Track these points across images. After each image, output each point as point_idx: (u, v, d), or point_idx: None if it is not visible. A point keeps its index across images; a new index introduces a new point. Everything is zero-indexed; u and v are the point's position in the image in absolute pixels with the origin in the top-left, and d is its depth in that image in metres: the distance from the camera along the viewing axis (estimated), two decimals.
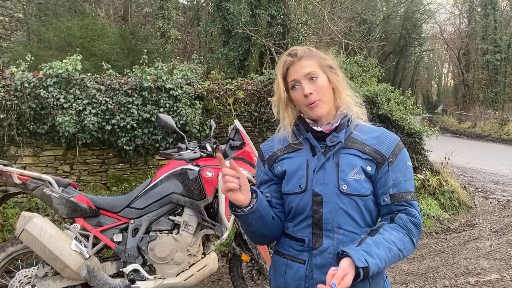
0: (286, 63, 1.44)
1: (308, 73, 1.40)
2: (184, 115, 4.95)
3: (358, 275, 1.23)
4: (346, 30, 11.92)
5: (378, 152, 1.40)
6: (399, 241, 1.33)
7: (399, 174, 1.40)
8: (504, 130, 19.04)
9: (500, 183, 8.58)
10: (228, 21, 9.83)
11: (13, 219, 4.25)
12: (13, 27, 10.82)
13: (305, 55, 1.43)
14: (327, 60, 1.45)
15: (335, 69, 1.46)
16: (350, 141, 1.42)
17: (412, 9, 27.81)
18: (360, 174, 1.37)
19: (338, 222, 1.36)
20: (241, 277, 3.33)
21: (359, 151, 1.40)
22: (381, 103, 6.44)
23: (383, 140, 1.43)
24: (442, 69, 45.52)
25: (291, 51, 1.46)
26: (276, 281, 1.49)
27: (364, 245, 1.29)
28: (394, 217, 1.39)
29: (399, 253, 1.33)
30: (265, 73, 5.98)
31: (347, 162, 1.38)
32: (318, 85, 1.40)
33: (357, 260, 1.23)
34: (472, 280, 4.06)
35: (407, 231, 1.37)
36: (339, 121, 1.43)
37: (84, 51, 6.36)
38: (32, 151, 4.76)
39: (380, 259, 1.27)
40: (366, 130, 1.45)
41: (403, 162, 1.42)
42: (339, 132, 1.42)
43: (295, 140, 1.47)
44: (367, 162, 1.39)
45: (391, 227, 1.36)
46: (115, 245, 2.90)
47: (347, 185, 1.36)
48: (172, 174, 2.95)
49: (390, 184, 1.39)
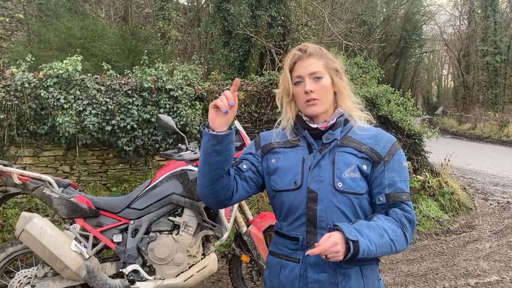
0: (294, 57, 1.45)
1: (314, 73, 1.42)
2: (184, 116, 4.95)
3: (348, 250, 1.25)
4: (346, 31, 11.93)
5: (374, 151, 1.41)
6: (391, 231, 1.34)
7: (395, 174, 1.41)
8: (504, 131, 19.04)
9: (500, 185, 8.58)
10: (228, 22, 9.84)
11: (13, 219, 4.25)
12: (14, 28, 10.83)
13: (315, 54, 1.45)
14: (335, 63, 1.47)
15: (340, 73, 1.47)
16: (347, 140, 1.43)
17: (412, 11, 27.85)
18: (355, 173, 1.38)
19: (332, 220, 1.37)
20: (241, 278, 3.33)
21: (355, 149, 1.41)
22: (381, 104, 6.45)
23: (380, 139, 1.44)
24: (442, 70, 45.58)
25: (302, 46, 1.47)
26: (270, 282, 1.49)
27: (356, 225, 1.31)
28: (388, 211, 1.40)
29: (390, 243, 1.33)
30: (265, 74, 5.97)
31: (343, 160, 1.39)
32: (321, 85, 1.42)
33: (348, 233, 1.25)
34: (472, 281, 4.06)
35: (400, 224, 1.38)
36: (335, 119, 1.45)
37: (84, 51, 6.36)
38: (32, 151, 4.76)
39: (370, 241, 1.28)
40: (363, 129, 1.46)
41: (399, 162, 1.43)
42: (335, 130, 1.43)
43: (293, 137, 1.48)
44: (363, 160, 1.40)
45: (385, 218, 1.38)
46: (115, 246, 2.90)
47: (342, 183, 1.36)
48: (172, 175, 2.95)
49: (386, 183, 1.40)
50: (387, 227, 1.34)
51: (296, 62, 1.45)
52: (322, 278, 1.37)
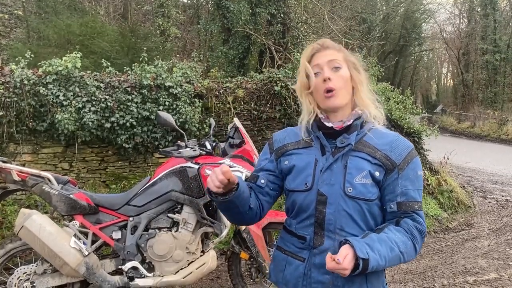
0: (313, 49, 1.44)
1: (332, 60, 1.40)
2: (184, 113, 4.95)
3: (356, 266, 1.22)
4: (346, 29, 11.90)
5: (389, 159, 1.38)
6: (402, 244, 1.32)
7: (408, 182, 1.38)
8: (503, 130, 19.07)
9: (498, 183, 8.59)
10: (228, 19, 9.82)
11: (12, 216, 4.25)
12: (13, 25, 10.81)
13: (333, 47, 1.45)
14: (353, 58, 1.47)
15: (358, 69, 1.46)
16: (362, 144, 1.40)
17: (412, 9, 27.79)
18: (367, 179, 1.35)
19: (340, 224, 1.35)
20: (240, 275, 3.33)
21: (369, 155, 1.38)
22: (380, 102, 6.44)
23: (396, 146, 1.40)
24: (441, 69, 45.54)
25: (320, 41, 1.47)
26: (275, 276, 1.50)
27: (367, 239, 1.29)
28: (399, 221, 1.38)
29: (400, 256, 1.32)
30: (265, 71, 5.97)
31: (355, 165, 1.37)
32: (340, 75, 1.40)
33: (359, 250, 1.22)
34: (471, 279, 4.07)
35: (411, 236, 1.36)
36: (351, 121, 1.41)
37: (83, 48, 6.35)
38: (31, 148, 4.75)
39: (380, 256, 1.26)
40: (380, 134, 1.43)
41: (414, 171, 1.40)
42: (350, 133, 1.40)
43: (307, 137, 1.46)
44: (376, 167, 1.37)
45: (397, 229, 1.35)
46: (114, 243, 2.90)
47: (352, 188, 1.34)
48: (172, 172, 2.95)
49: (398, 192, 1.37)
50: (398, 239, 1.32)
51: (314, 54, 1.43)
52: (326, 280, 1.37)
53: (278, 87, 5.53)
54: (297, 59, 6.08)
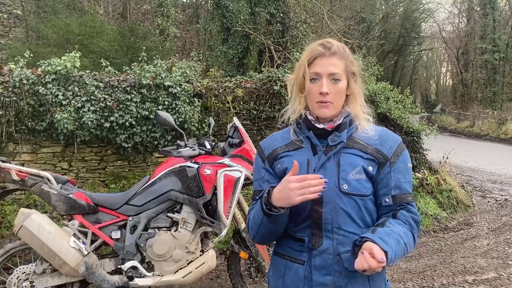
0: (316, 51, 1.39)
1: (333, 74, 1.37)
2: (183, 113, 4.94)
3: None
4: (345, 28, 11.91)
5: (380, 152, 1.39)
6: (404, 235, 1.33)
7: (400, 175, 1.40)
8: (502, 129, 19.09)
9: (498, 182, 8.60)
10: (227, 19, 9.82)
11: (11, 215, 4.25)
12: (12, 24, 10.80)
13: (338, 53, 1.39)
14: (354, 66, 1.43)
15: (356, 77, 1.44)
16: (352, 141, 1.40)
17: (411, 8, 27.83)
18: (361, 174, 1.36)
19: (338, 222, 1.35)
20: (239, 274, 3.33)
21: (361, 151, 1.38)
22: (380, 101, 6.45)
23: (386, 140, 1.41)
24: (440, 68, 45.61)
25: (326, 43, 1.41)
26: (275, 282, 1.47)
27: (378, 233, 1.27)
28: (396, 213, 1.39)
29: (404, 248, 1.32)
30: (264, 71, 5.96)
31: (348, 162, 1.37)
32: (337, 88, 1.38)
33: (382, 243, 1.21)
34: (470, 278, 4.07)
35: (410, 227, 1.37)
36: (342, 119, 1.41)
37: (82, 48, 6.35)
38: (30, 148, 4.75)
39: (392, 249, 1.25)
40: (368, 129, 1.43)
41: (404, 163, 1.41)
42: (341, 131, 1.40)
43: (296, 138, 1.45)
44: (368, 162, 1.38)
45: (396, 222, 1.36)
46: (113, 242, 2.90)
47: (348, 185, 1.34)
48: (171, 172, 2.95)
49: (392, 185, 1.38)
50: (401, 232, 1.32)
51: (317, 57, 1.39)
52: (327, 281, 1.35)
53: (278, 86, 5.53)
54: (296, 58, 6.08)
